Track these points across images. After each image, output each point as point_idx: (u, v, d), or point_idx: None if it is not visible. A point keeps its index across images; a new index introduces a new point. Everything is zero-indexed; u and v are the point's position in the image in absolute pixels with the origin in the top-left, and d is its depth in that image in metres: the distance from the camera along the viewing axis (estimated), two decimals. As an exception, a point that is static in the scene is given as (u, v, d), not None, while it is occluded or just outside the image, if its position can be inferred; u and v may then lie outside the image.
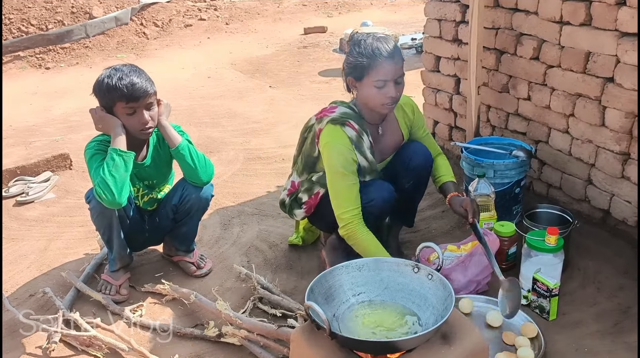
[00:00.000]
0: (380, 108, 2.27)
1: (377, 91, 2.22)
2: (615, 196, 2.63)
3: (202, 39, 8.40)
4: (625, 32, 2.39)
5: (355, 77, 2.27)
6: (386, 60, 2.20)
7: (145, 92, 2.29)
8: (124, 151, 2.27)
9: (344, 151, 2.26)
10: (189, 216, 2.56)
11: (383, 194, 2.32)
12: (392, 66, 2.20)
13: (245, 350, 2.13)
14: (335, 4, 9.93)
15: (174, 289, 2.44)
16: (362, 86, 2.26)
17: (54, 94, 6.14)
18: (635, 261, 2.42)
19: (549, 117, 2.89)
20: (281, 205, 2.64)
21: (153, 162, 2.50)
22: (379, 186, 2.34)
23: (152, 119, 2.35)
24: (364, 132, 2.32)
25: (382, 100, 2.23)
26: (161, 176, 2.58)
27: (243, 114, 5.11)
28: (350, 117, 2.32)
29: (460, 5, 3.28)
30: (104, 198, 2.22)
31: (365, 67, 2.22)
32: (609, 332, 2.12)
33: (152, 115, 2.35)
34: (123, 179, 2.25)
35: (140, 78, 2.29)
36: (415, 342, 1.53)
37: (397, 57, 2.23)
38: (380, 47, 2.21)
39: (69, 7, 8.21)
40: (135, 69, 2.33)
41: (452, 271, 2.26)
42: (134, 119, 2.31)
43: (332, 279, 1.76)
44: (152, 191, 2.57)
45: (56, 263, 2.82)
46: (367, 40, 2.24)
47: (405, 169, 2.44)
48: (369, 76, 2.22)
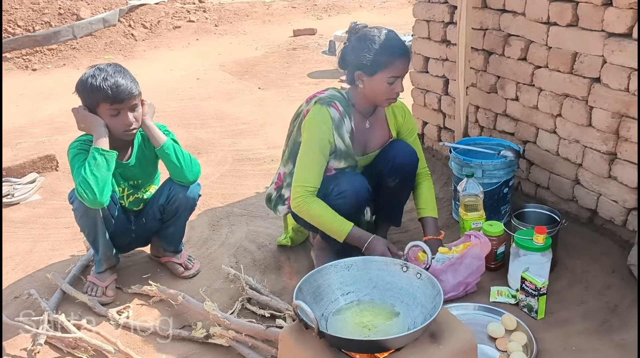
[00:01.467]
0: (384, 103, 2.32)
1: (387, 87, 2.25)
2: (602, 196, 2.64)
3: (191, 40, 8.38)
4: (612, 33, 2.41)
5: (367, 73, 2.26)
6: (404, 57, 2.23)
7: (130, 93, 2.27)
8: (106, 151, 2.25)
9: (324, 130, 2.29)
10: (176, 216, 2.54)
11: (355, 186, 2.30)
12: (407, 63, 2.25)
13: (233, 351, 2.12)
14: (325, 6, 9.95)
15: (161, 290, 2.42)
16: (372, 81, 2.26)
17: (40, 96, 6.08)
18: (622, 260, 2.44)
19: (536, 117, 2.90)
20: (267, 201, 2.64)
21: (138, 162, 2.48)
22: (351, 178, 2.33)
23: (136, 120, 2.33)
24: (347, 116, 2.33)
25: (389, 95, 2.27)
26: (146, 176, 2.55)
27: (232, 116, 5.10)
28: (338, 99, 2.34)
29: (448, 6, 3.29)
30: (85, 198, 2.20)
31: (381, 64, 2.22)
32: (597, 330, 2.12)
33: (136, 116, 2.33)
34: (105, 179, 2.23)
35: (125, 79, 2.27)
36: (404, 340, 1.52)
37: (410, 54, 2.27)
38: (398, 45, 2.24)
39: (56, 8, 8.16)
40: (119, 69, 2.31)
41: (442, 273, 2.26)
42: (118, 120, 2.29)
43: (320, 278, 1.75)
44: (137, 191, 2.54)
45: (42, 264, 2.78)
46: (381, 37, 2.24)
47: (390, 168, 2.43)
48: (383, 72, 2.22)
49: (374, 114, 2.44)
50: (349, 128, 2.34)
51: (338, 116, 2.31)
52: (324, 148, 2.30)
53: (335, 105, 2.32)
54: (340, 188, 2.29)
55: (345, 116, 2.33)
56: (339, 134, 2.31)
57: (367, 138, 2.44)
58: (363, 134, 2.42)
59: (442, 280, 2.25)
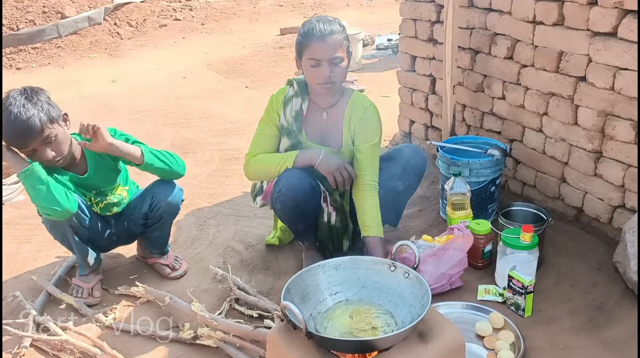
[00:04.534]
0: (317, 88, 2.34)
1: (312, 70, 2.29)
2: (588, 194, 2.66)
3: (178, 39, 8.32)
4: (597, 32, 2.42)
5: (298, 57, 2.35)
6: (318, 39, 2.25)
7: (30, 136, 2.12)
8: (25, 170, 2.16)
9: (275, 104, 2.43)
10: (160, 221, 2.52)
11: (291, 182, 2.29)
12: (323, 45, 2.24)
13: (221, 352, 2.11)
14: (312, 5, 9.92)
15: (148, 291, 2.40)
16: (302, 65, 2.34)
17: (25, 95, 6.00)
18: (608, 257, 2.46)
19: (523, 116, 2.91)
20: (251, 191, 2.67)
21: (96, 173, 2.40)
22: (289, 174, 2.31)
23: (56, 151, 2.20)
24: (299, 97, 2.41)
25: (316, 79, 2.30)
26: (108, 182, 2.47)
27: (219, 115, 5.08)
28: (298, 82, 2.42)
29: (435, 5, 3.30)
30: (50, 216, 2.23)
31: (302, 47, 2.29)
32: (583, 328, 2.14)
33: (55, 148, 2.20)
34: (48, 192, 2.16)
35: (29, 116, 2.10)
36: (392, 340, 1.52)
37: (329, 37, 2.25)
38: (316, 27, 2.26)
39: (41, 6, 8.06)
40: (23, 104, 2.12)
41: (423, 263, 2.26)
42: (37, 157, 2.21)
43: (308, 278, 1.75)
44: (105, 197, 2.48)
45: (27, 266, 2.75)
46: (309, 21, 2.32)
47: (402, 172, 2.50)
48: (305, 54, 2.29)
49: (333, 107, 2.45)
50: (296, 107, 2.41)
51: (291, 94, 2.42)
52: (273, 118, 2.43)
53: (293, 85, 2.43)
54: (277, 187, 2.33)
55: (297, 95, 2.42)
56: (284, 109, 2.42)
57: (324, 129, 2.46)
58: (318, 124, 2.45)
59: (424, 271, 2.25)
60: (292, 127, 2.41)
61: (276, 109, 2.43)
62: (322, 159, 2.29)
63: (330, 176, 2.29)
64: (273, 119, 2.44)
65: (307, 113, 2.43)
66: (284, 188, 2.30)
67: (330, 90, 2.33)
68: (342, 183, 2.30)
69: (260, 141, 2.46)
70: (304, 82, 2.43)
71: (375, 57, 7.01)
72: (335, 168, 2.28)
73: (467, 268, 2.36)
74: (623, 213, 2.51)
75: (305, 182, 2.31)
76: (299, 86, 2.42)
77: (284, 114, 2.41)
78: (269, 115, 2.45)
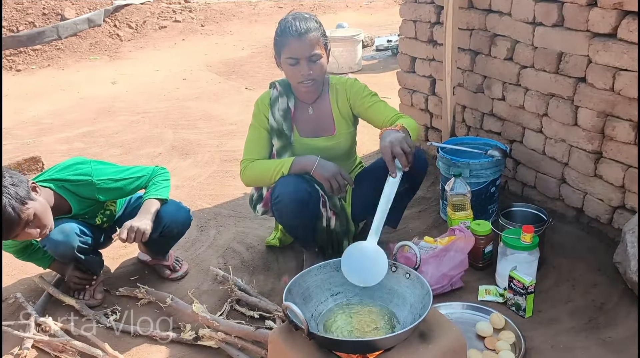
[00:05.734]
0: (299, 87, 2.35)
1: (291, 69, 2.29)
2: (588, 195, 2.67)
3: (177, 40, 8.33)
4: (597, 33, 2.43)
5: (277, 56, 2.35)
6: (293, 38, 2.24)
7: (11, 229, 1.99)
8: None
9: (261, 107, 2.44)
10: (171, 237, 2.52)
11: (288, 189, 2.27)
12: (299, 43, 2.24)
13: (222, 353, 2.11)
14: (311, 6, 9.93)
15: (149, 292, 2.41)
16: (282, 64, 2.34)
17: (24, 97, 6.01)
18: (608, 258, 2.46)
19: (523, 117, 2.92)
20: (249, 201, 2.64)
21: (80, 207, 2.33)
22: (287, 181, 2.29)
23: (40, 226, 2.08)
24: (284, 96, 2.42)
25: (296, 78, 2.31)
26: (96, 209, 2.44)
27: (219, 116, 5.08)
28: (281, 82, 2.46)
29: (434, 7, 3.30)
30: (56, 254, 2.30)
31: (279, 46, 2.30)
32: (584, 328, 2.14)
33: (37, 224, 2.06)
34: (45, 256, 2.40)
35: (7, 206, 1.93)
36: (393, 340, 1.53)
37: (305, 35, 2.24)
38: (292, 26, 2.25)
39: (40, 8, 8.07)
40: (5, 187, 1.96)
41: (425, 264, 2.26)
42: (23, 237, 2.11)
43: (309, 279, 1.75)
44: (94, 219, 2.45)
45: (28, 267, 2.75)
46: (285, 19, 2.31)
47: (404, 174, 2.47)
48: (283, 53, 2.29)
49: (318, 100, 2.46)
50: (283, 106, 2.42)
51: (275, 95, 2.43)
52: (261, 121, 2.43)
53: (276, 86, 2.45)
54: (274, 195, 2.31)
55: (282, 95, 2.43)
56: (272, 111, 2.42)
57: (314, 122, 2.48)
58: (308, 119, 2.46)
59: (425, 272, 2.26)
60: (283, 126, 2.41)
61: (263, 112, 2.43)
62: (317, 166, 2.26)
63: (327, 183, 2.26)
64: (262, 123, 2.44)
65: (295, 110, 2.44)
66: (280, 195, 2.28)
67: (311, 87, 2.34)
68: (338, 190, 2.27)
69: (252, 146, 2.45)
70: (286, 81, 2.44)
71: (374, 58, 7.03)
72: (331, 175, 2.24)
73: (467, 268, 2.36)
74: (623, 214, 2.52)
75: (301, 189, 2.28)
76: (282, 86, 2.44)
77: (272, 115, 2.41)
78: (257, 119, 2.45)
